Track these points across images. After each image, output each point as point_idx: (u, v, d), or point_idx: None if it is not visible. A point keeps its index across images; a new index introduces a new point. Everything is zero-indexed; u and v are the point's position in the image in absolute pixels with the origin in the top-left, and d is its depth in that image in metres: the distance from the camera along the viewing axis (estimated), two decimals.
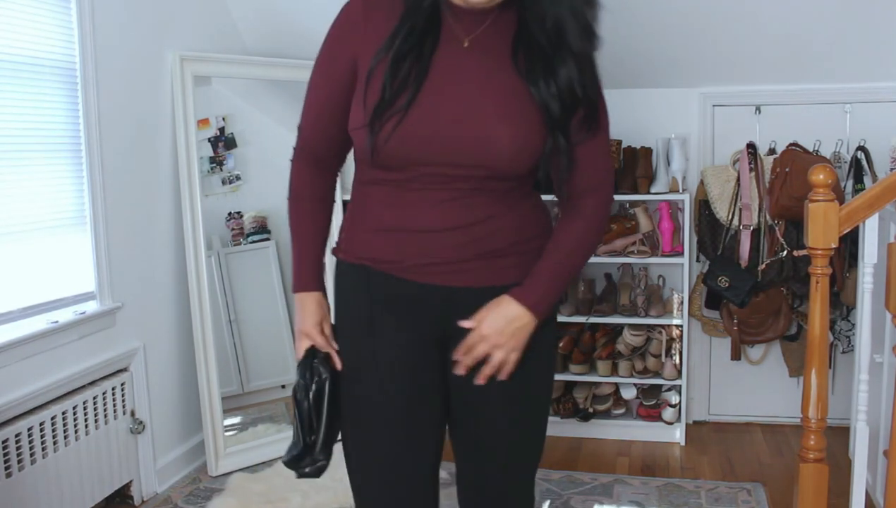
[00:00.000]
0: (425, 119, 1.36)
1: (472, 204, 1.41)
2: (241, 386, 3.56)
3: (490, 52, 1.40)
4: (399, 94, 1.35)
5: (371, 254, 1.47)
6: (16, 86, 2.42)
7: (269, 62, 3.39)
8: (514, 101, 1.38)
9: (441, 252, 1.42)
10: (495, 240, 1.44)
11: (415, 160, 1.38)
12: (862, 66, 3.25)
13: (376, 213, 1.45)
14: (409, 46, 1.37)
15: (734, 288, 3.21)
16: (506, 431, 1.53)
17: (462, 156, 1.37)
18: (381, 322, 1.48)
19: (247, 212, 3.58)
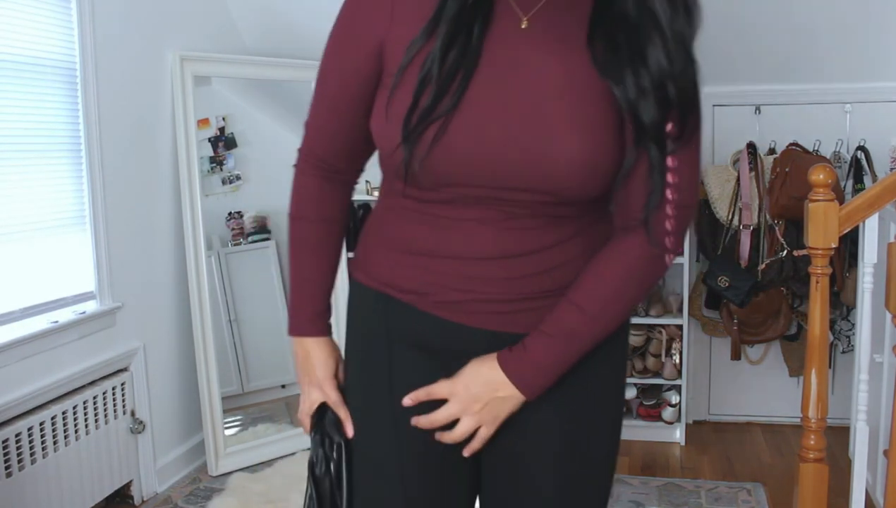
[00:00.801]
0: (470, 127, 1.02)
1: (529, 228, 1.07)
2: (241, 386, 3.56)
3: (556, 34, 1.04)
4: (441, 95, 1.01)
5: (393, 279, 1.13)
6: (16, 86, 2.42)
7: (269, 62, 3.39)
8: (588, 102, 1.03)
9: (487, 286, 1.08)
10: (558, 276, 1.09)
11: (455, 180, 1.04)
12: (862, 66, 3.25)
13: (404, 230, 1.12)
14: (458, 29, 1.02)
15: (734, 287, 3.21)
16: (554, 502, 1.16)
17: (514, 177, 1.02)
18: (401, 370, 1.15)
19: (247, 212, 3.58)
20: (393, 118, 1.03)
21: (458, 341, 1.11)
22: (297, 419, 1.26)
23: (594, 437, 1.16)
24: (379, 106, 1.07)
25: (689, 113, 1.05)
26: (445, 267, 1.09)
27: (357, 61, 1.09)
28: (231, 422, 3.35)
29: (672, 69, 1.02)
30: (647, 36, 1.01)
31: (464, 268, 1.08)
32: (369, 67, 1.08)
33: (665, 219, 1.05)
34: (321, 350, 1.22)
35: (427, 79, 1.01)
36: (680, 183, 1.05)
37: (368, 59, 1.08)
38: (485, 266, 1.08)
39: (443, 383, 1.11)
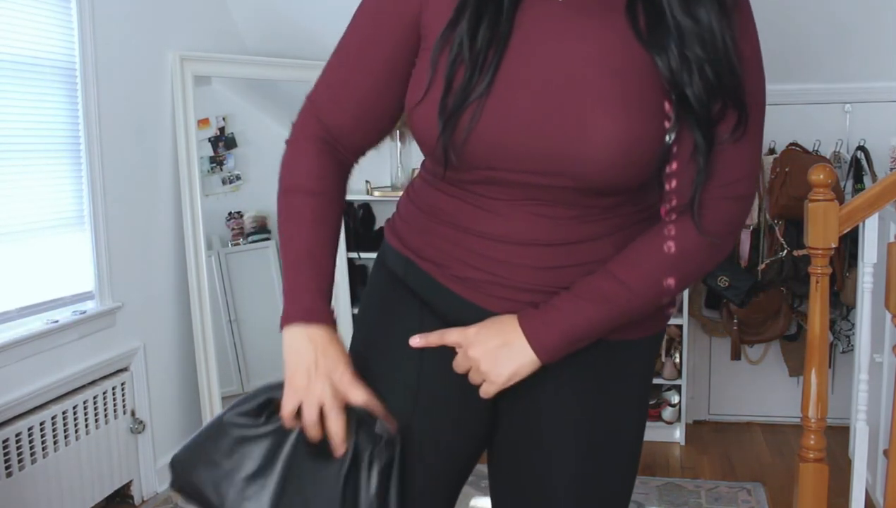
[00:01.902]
0: (503, 108, 0.95)
1: (562, 218, 1.00)
2: (241, 386, 3.56)
3: (595, 6, 0.96)
4: (473, 76, 0.94)
5: (419, 245, 1.07)
6: (16, 86, 2.42)
7: (269, 62, 3.39)
8: (625, 80, 0.94)
9: (511, 271, 1.02)
10: (588, 272, 1.01)
11: (489, 164, 0.98)
12: (862, 66, 3.25)
13: (440, 200, 1.06)
14: (485, 4, 0.95)
15: (734, 287, 3.21)
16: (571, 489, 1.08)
17: (547, 160, 0.95)
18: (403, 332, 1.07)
19: (247, 212, 3.58)
20: (429, 102, 0.96)
21: (468, 320, 1.03)
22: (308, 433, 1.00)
23: (620, 427, 1.10)
24: (414, 84, 1.00)
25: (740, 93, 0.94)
26: (472, 243, 1.03)
27: (390, 28, 1.01)
28: None
29: (722, 37, 0.91)
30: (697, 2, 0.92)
31: (491, 249, 1.02)
32: (402, 38, 1.00)
33: (719, 205, 0.98)
34: (330, 342, 1.03)
35: (458, 59, 0.94)
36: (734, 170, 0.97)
37: (403, 29, 1.00)
38: (512, 251, 1.01)
39: (456, 330, 1.03)
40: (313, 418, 1.00)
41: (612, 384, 1.08)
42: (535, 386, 1.04)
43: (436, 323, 1.06)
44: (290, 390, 1.03)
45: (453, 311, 1.05)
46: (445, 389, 1.07)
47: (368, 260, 3.67)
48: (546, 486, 1.08)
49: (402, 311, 1.09)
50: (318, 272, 1.05)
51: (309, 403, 1.01)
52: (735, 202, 0.99)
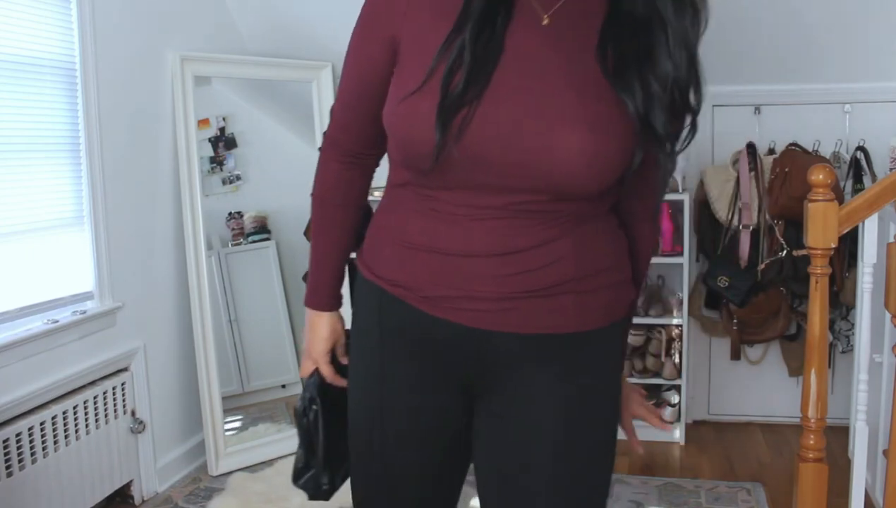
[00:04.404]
0: (490, 116, 1.04)
1: (524, 225, 1.09)
2: (242, 386, 3.56)
3: (574, 33, 1.08)
4: (469, 83, 1.04)
5: (387, 272, 1.18)
6: (15, 85, 2.42)
7: (269, 62, 3.39)
8: (597, 102, 1.06)
9: (477, 283, 1.10)
10: (551, 275, 1.10)
11: (475, 165, 1.06)
12: (862, 66, 3.25)
13: (402, 224, 1.17)
14: (484, 22, 1.06)
15: (734, 287, 3.22)
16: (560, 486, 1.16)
17: (522, 165, 1.05)
18: (392, 366, 1.21)
19: (247, 212, 3.59)
20: (426, 106, 1.05)
21: (440, 334, 1.14)
22: None
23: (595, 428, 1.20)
24: (394, 96, 1.11)
25: (694, 116, 1.11)
26: (438, 262, 1.12)
27: (374, 53, 1.15)
28: (231, 422, 3.35)
29: (677, 73, 1.06)
30: (655, 38, 1.05)
31: (456, 265, 1.11)
32: (385, 59, 1.14)
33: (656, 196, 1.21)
34: (324, 326, 1.34)
35: (455, 66, 1.04)
36: None
37: (384, 52, 1.13)
38: (479, 263, 1.10)
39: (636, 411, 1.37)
40: (309, 369, 1.37)
41: (584, 376, 1.17)
42: (514, 388, 1.15)
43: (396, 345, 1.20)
44: (304, 351, 1.38)
45: (427, 329, 1.15)
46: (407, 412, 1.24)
47: None
48: (526, 479, 1.16)
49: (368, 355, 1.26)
50: (325, 271, 1.34)
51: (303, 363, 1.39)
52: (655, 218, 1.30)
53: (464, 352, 1.15)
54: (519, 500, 1.17)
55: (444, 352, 1.16)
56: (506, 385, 1.16)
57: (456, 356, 1.16)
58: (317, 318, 1.34)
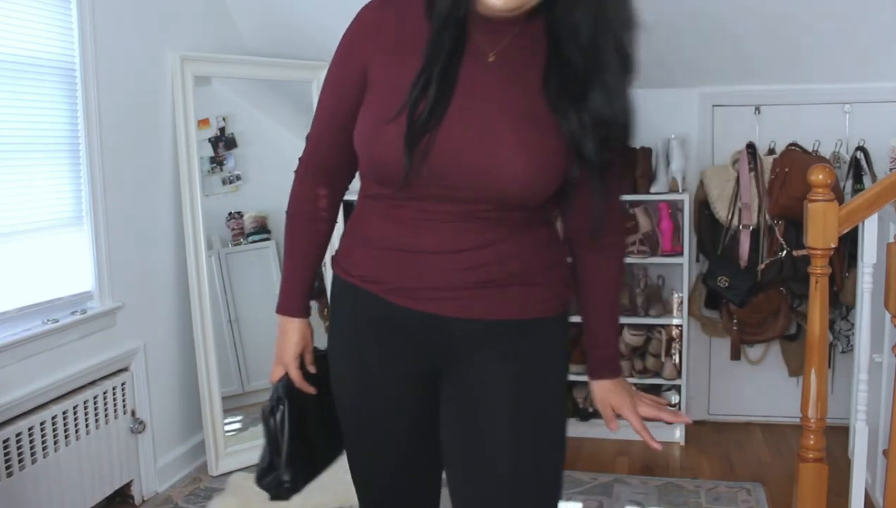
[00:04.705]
0: (451, 138, 1.23)
1: (475, 228, 1.27)
2: (242, 386, 3.56)
3: (516, 69, 1.26)
4: (431, 113, 1.22)
5: (360, 270, 1.34)
6: (15, 85, 2.42)
7: (269, 62, 3.39)
8: (533, 129, 1.23)
9: (437, 276, 1.28)
10: (500, 268, 1.29)
11: (436, 180, 1.24)
12: (862, 66, 3.25)
13: (372, 229, 1.34)
14: (441, 61, 1.24)
15: (734, 287, 3.22)
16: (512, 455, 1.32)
17: (472, 181, 1.23)
18: (367, 353, 1.38)
19: (247, 212, 3.59)
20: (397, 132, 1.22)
21: (411, 322, 1.31)
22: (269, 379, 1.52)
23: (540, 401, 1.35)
24: (366, 113, 1.28)
25: (624, 151, 1.29)
26: (405, 259, 1.29)
27: (347, 82, 1.32)
28: (231, 422, 3.35)
29: (610, 113, 1.22)
30: (590, 82, 1.21)
31: (420, 261, 1.28)
32: (357, 86, 1.31)
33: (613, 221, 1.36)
34: (295, 331, 1.48)
35: (420, 99, 1.22)
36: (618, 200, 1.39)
37: (357, 80, 1.31)
38: (436, 259, 1.28)
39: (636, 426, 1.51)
40: (280, 373, 1.49)
41: (527, 357, 1.33)
42: (470, 366, 1.33)
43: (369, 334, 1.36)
44: (275, 356, 1.50)
45: (395, 317, 1.32)
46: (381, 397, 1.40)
47: None
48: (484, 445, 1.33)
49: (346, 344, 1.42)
50: (297, 281, 1.48)
51: (274, 368, 1.50)
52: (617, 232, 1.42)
53: (427, 337, 1.32)
54: (480, 465, 1.33)
55: (411, 338, 1.33)
56: (462, 366, 1.33)
57: (420, 340, 1.33)
58: (288, 324, 1.48)
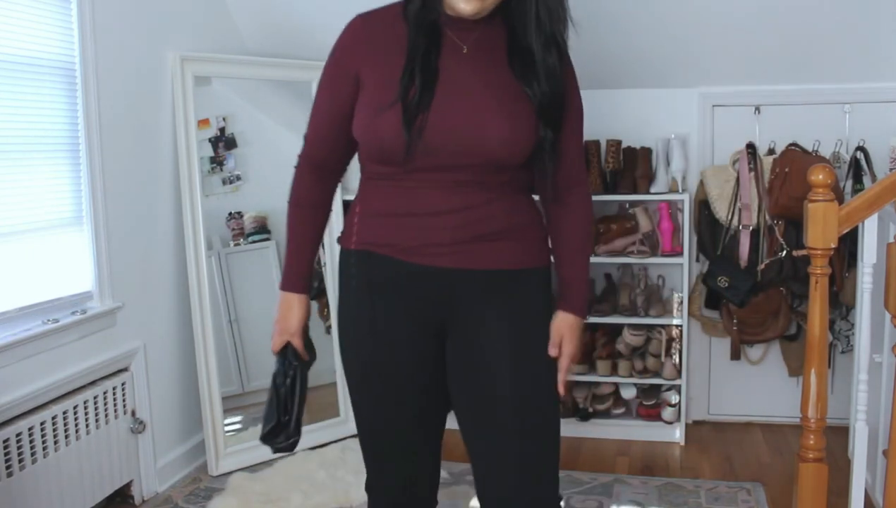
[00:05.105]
0: (442, 116, 1.49)
1: (466, 192, 1.53)
2: (242, 386, 3.56)
3: (486, 56, 1.56)
4: (421, 97, 1.49)
5: (374, 238, 1.57)
6: (15, 85, 2.42)
7: (269, 62, 3.39)
8: (508, 99, 1.53)
9: (439, 234, 1.53)
10: (489, 224, 1.55)
11: (432, 153, 1.49)
12: (862, 66, 3.25)
13: (380, 202, 1.57)
14: (420, 56, 1.51)
15: (734, 288, 3.22)
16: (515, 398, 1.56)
17: (465, 147, 1.49)
18: (383, 313, 1.58)
19: (247, 212, 3.58)
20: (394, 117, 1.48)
21: (420, 275, 1.54)
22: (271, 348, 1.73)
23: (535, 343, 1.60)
24: (364, 110, 1.53)
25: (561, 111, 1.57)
26: (408, 223, 1.54)
27: (341, 88, 1.58)
28: (231, 422, 3.35)
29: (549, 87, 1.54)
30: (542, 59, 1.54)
31: (421, 223, 1.53)
32: (350, 91, 1.57)
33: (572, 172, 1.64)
34: (299, 306, 1.69)
35: (409, 86, 1.49)
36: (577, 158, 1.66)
37: (349, 86, 1.57)
38: (437, 219, 1.52)
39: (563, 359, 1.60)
40: (282, 343, 1.70)
41: (521, 301, 1.59)
42: (472, 322, 1.57)
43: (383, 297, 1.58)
44: (276, 326, 1.71)
45: (406, 274, 1.55)
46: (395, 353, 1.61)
47: None
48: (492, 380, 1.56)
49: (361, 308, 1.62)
50: (301, 260, 1.70)
51: (274, 338, 1.72)
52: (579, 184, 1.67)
53: (437, 292, 1.56)
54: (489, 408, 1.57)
55: (422, 292, 1.56)
56: (466, 315, 1.57)
57: (431, 295, 1.56)
58: (294, 299, 1.68)
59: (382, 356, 1.59)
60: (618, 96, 3.51)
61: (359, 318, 1.60)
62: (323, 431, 3.44)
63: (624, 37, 3.18)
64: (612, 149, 3.39)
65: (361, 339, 1.61)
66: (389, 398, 1.61)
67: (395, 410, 1.62)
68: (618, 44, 3.22)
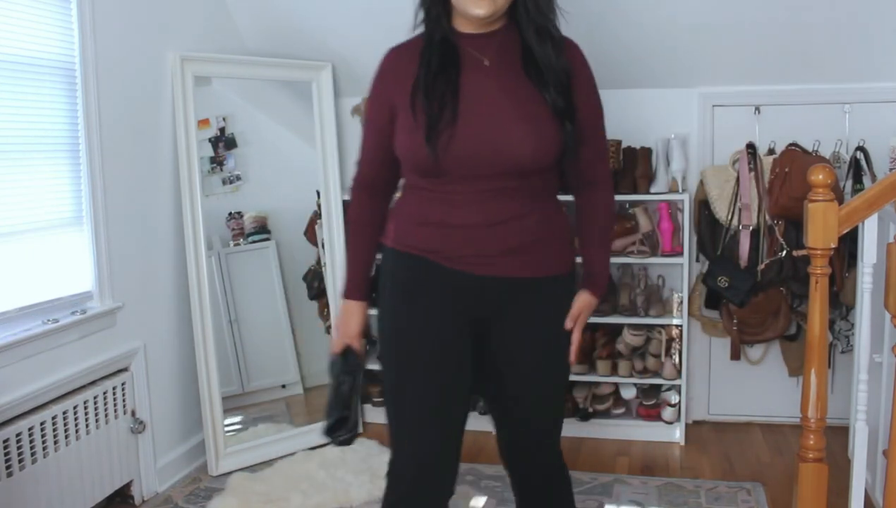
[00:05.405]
0: (469, 129, 1.65)
1: (499, 204, 1.69)
2: (242, 386, 3.56)
3: (506, 67, 1.70)
4: (442, 113, 1.65)
5: (417, 243, 1.75)
6: (15, 85, 2.42)
7: (269, 62, 3.39)
8: (531, 106, 1.67)
9: (474, 245, 1.71)
10: (521, 237, 1.71)
11: (463, 165, 1.66)
12: (861, 66, 3.25)
13: (422, 211, 1.74)
14: (435, 74, 1.68)
15: (734, 288, 3.21)
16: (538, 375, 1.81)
17: (496, 155, 1.65)
18: (424, 305, 1.76)
19: (247, 212, 3.59)
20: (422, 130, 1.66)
21: (460, 282, 1.73)
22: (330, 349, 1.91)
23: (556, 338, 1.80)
24: (400, 132, 1.72)
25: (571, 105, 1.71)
26: (452, 233, 1.71)
27: (382, 118, 1.77)
28: (231, 422, 3.36)
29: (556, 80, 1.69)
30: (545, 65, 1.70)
31: (464, 234, 1.70)
32: (388, 116, 1.75)
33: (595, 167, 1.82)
34: (359, 312, 1.88)
35: (432, 105, 1.66)
36: (601, 145, 1.84)
37: (388, 114, 1.75)
38: (477, 231, 1.70)
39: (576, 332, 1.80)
40: (342, 345, 1.88)
41: (551, 303, 1.80)
42: (502, 320, 1.77)
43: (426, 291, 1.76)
44: (336, 331, 1.91)
45: (448, 279, 1.73)
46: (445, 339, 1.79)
47: None
48: (523, 363, 1.79)
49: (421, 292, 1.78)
50: (360, 270, 1.89)
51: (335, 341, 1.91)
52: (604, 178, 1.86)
53: (474, 294, 1.74)
54: (517, 384, 1.81)
55: (462, 296, 1.74)
56: (501, 318, 1.77)
57: (468, 297, 1.74)
58: (354, 307, 1.87)
59: (419, 344, 1.75)
60: (618, 96, 3.51)
61: (398, 310, 1.78)
62: None
63: (624, 37, 3.18)
64: (612, 149, 3.39)
65: (400, 329, 1.78)
66: (420, 380, 1.76)
67: (425, 390, 1.76)
68: (618, 44, 3.22)
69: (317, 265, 3.62)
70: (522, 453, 1.91)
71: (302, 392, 3.68)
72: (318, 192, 3.49)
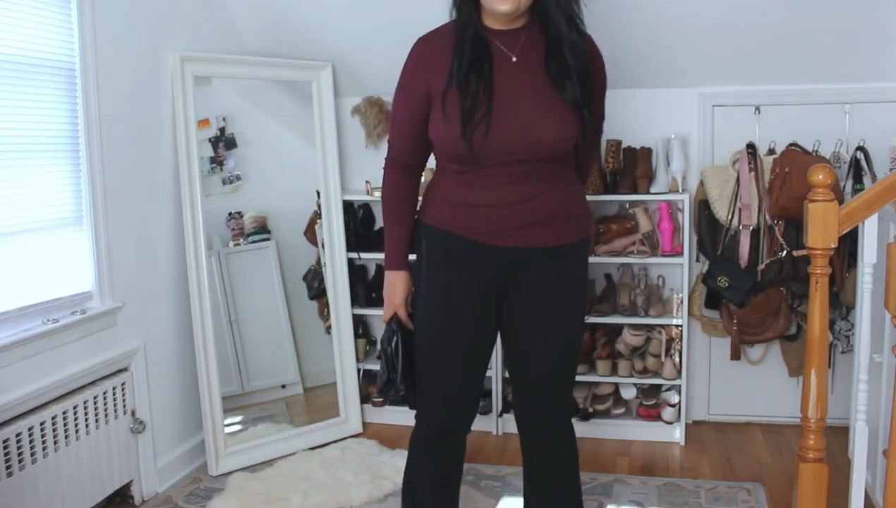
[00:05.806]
0: (502, 122, 1.85)
1: (525, 185, 1.91)
2: (241, 386, 3.56)
3: (531, 63, 1.90)
4: (477, 106, 1.84)
5: (449, 220, 1.98)
6: (15, 86, 2.42)
7: (269, 62, 3.39)
8: (551, 101, 1.88)
9: (503, 222, 1.93)
10: (545, 211, 1.94)
11: (495, 155, 1.87)
12: (862, 66, 3.25)
13: (452, 191, 1.97)
14: (468, 69, 1.85)
15: (734, 288, 3.21)
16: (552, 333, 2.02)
17: (525, 145, 1.87)
18: (457, 275, 2.00)
19: (247, 212, 3.58)
20: (455, 122, 1.87)
21: (491, 256, 1.97)
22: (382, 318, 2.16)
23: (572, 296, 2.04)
24: (435, 122, 1.92)
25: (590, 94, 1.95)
26: (483, 212, 1.94)
27: (415, 102, 1.95)
28: (231, 422, 3.35)
29: (576, 64, 1.89)
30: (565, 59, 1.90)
31: (491, 212, 1.94)
32: (423, 103, 1.94)
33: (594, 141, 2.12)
34: (403, 280, 2.09)
35: (469, 98, 1.86)
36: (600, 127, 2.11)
37: (422, 99, 1.94)
38: (504, 210, 1.93)
39: None
40: (391, 313, 2.12)
41: (567, 271, 2.02)
42: (525, 284, 2.00)
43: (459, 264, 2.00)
44: (385, 301, 2.13)
45: (479, 252, 1.97)
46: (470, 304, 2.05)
47: (368, 260, 3.67)
48: (537, 325, 2.02)
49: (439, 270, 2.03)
50: (400, 243, 2.09)
51: (385, 309, 2.14)
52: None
53: (500, 263, 1.98)
54: (534, 337, 2.03)
55: (489, 264, 1.98)
56: (524, 280, 1.99)
57: (495, 266, 1.98)
58: (397, 276, 2.09)
59: (452, 299, 2.00)
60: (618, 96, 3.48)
61: (433, 276, 2.01)
62: (323, 431, 3.45)
63: (624, 37, 3.18)
64: (612, 149, 3.39)
65: (434, 293, 2.01)
66: (452, 328, 2.01)
67: (454, 338, 2.02)
68: (618, 44, 3.22)
69: (317, 265, 3.62)
70: (535, 409, 2.09)
71: (302, 392, 3.68)
72: (318, 192, 3.49)
